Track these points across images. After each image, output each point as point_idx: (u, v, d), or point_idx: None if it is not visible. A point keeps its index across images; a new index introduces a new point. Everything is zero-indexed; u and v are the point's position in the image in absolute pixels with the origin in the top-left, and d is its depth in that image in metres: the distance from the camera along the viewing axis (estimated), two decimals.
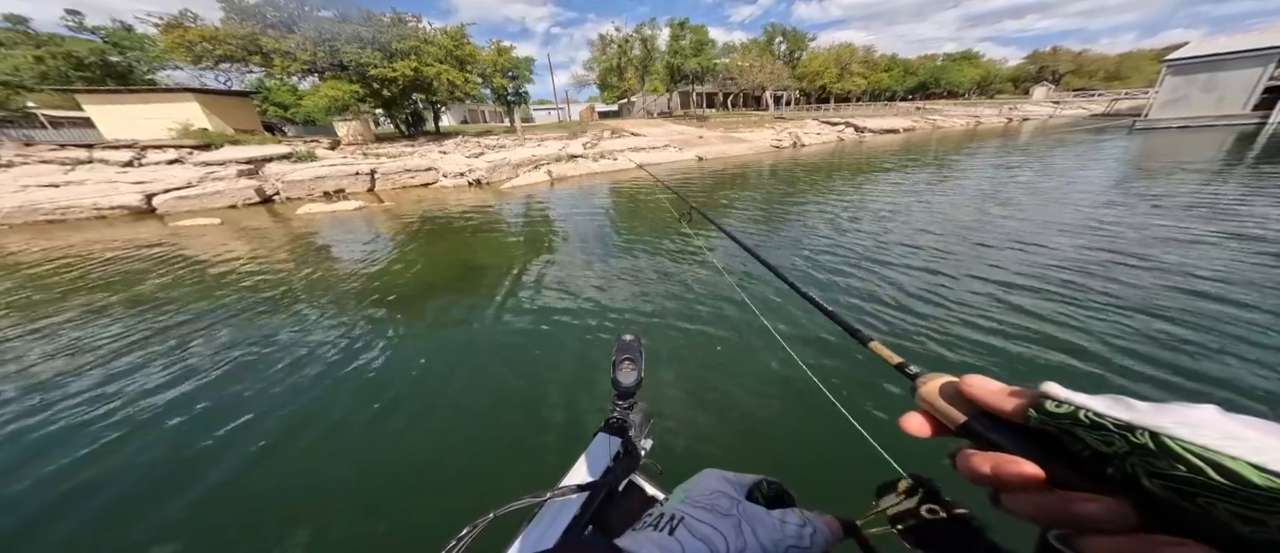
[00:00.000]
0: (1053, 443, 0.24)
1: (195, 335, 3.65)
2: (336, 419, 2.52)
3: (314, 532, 1.84)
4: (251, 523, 1.89)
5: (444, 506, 1.94)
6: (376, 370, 3.00)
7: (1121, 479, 0.21)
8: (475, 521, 0.62)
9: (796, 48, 47.58)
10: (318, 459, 2.24)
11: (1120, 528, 0.20)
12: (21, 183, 10.13)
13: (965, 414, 0.27)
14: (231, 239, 7.42)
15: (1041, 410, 0.23)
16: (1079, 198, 7.03)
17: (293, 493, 2.06)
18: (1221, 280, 3.62)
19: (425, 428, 2.44)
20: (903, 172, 11.25)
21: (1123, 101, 38.39)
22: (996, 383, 0.27)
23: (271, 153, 13.24)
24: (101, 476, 2.16)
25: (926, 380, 0.31)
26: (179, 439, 2.39)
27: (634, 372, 0.97)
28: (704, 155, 17.90)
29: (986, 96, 60.36)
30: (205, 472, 2.17)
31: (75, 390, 2.90)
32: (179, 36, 15.14)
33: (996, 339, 2.96)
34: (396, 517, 1.89)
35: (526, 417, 2.48)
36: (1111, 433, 0.20)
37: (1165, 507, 0.19)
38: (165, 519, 1.90)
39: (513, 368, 2.98)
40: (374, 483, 2.09)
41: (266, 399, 2.74)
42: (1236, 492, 0.17)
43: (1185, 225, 5.19)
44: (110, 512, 1.96)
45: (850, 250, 5.05)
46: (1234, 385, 2.37)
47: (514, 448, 2.27)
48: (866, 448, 2.03)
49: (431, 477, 2.12)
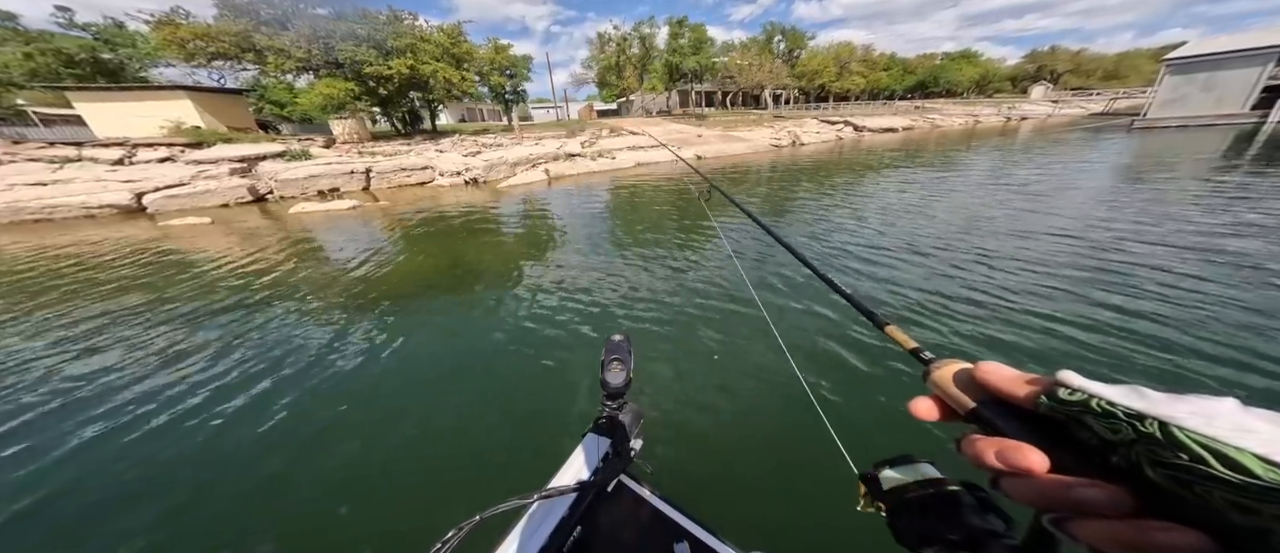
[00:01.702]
0: (1058, 430, 0.24)
1: (176, 335, 3.54)
2: (320, 421, 2.45)
3: (294, 533, 1.77)
4: (231, 522, 1.82)
5: (430, 507, 1.88)
6: (362, 371, 2.92)
7: (1125, 467, 0.21)
8: (461, 524, 0.61)
9: (796, 46, 47.49)
10: (301, 460, 2.17)
11: (1116, 514, 0.21)
12: (8, 182, 9.95)
13: (975, 400, 0.28)
14: (221, 239, 7.29)
15: (1053, 398, 0.24)
16: (1077, 195, 6.97)
17: (274, 493, 1.98)
18: (1231, 266, 3.57)
19: (410, 429, 2.36)
20: (901, 169, 11.19)
21: (1121, 101, 38.40)
22: (1012, 370, 0.27)
23: (265, 151, 13.07)
24: (70, 477, 2.05)
25: (940, 366, 0.32)
26: (155, 440, 2.29)
27: (623, 372, 0.95)
28: (702, 154, 17.81)
29: (985, 96, 60.43)
30: (184, 472, 2.09)
31: (49, 393, 2.78)
32: (170, 33, 14.92)
33: (1002, 330, 2.90)
34: (380, 519, 1.82)
35: (516, 418, 2.41)
36: (1120, 421, 0.21)
37: (1164, 495, 0.20)
38: (138, 522, 1.81)
39: (502, 368, 2.91)
40: (357, 484, 2.01)
41: (250, 400, 2.66)
42: (1237, 482, 0.17)
43: (1188, 217, 5.13)
44: (80, 511, 1.85)
45: (852, 245, 4.98)
46: (1238, 367, 2.31)
47: (502, 449, 2.20)
48: (866, 442, 1.92)
49: (417, 478, 2.05)
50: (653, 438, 2.14)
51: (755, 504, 1.80)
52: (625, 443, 0.95)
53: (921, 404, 0.31)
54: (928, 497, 0.34)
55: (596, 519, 0.84)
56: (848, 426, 2.18)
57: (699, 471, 1.98)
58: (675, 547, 0.79)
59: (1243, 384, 2.36)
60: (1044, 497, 0.23)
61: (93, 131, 15.36)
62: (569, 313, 3.68)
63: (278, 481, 2.06)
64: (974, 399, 0.28)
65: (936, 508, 0.33)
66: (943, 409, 0.31)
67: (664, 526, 0.84)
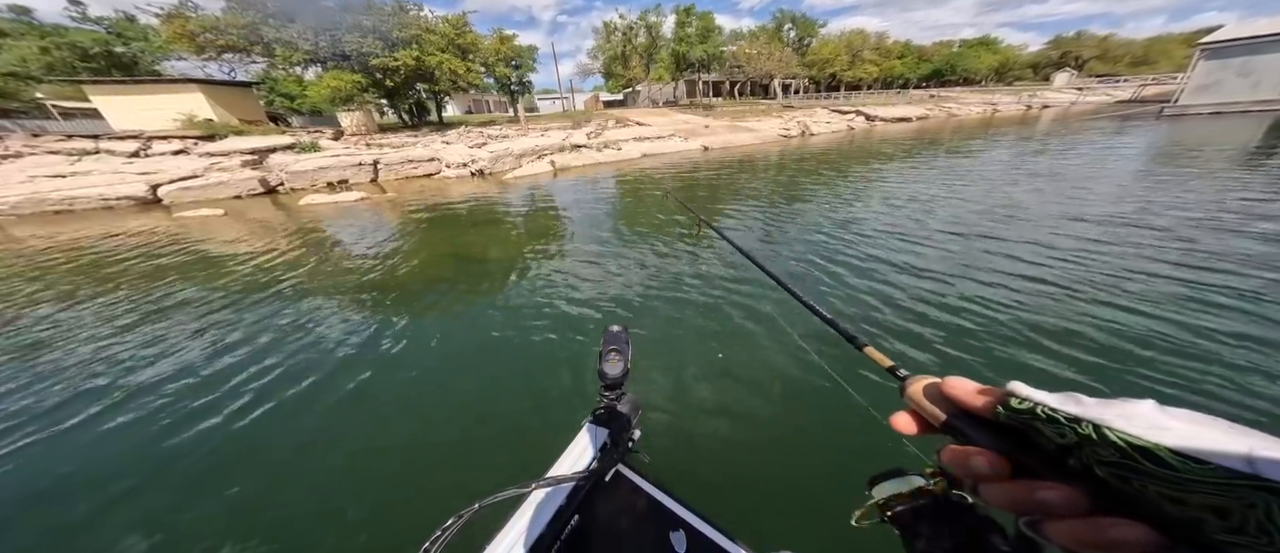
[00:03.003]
0: (1022, 437, 0.26)
1: (192, 323, 3.62)
2: (327, 406, 2.48)
3: (297, 519, 1.79)
4: (236, 506, 1.85)
5: (430, 495, 1.89)
6: (366, 359, 2.95)
7: (1081, 469, 0.23)
8: (461, 511, 0.62)
9: (806, 35, 46.27)
10: (306, 446, 2.19)
11: (1074, 512, 0.22)
12: (29, 174, 10.21)
13: (946, 413, 0.30)
14: (234, 230, 7.40)
15: (1007, 408, 0.26)
16: (1103, 189, 6.70)
17: (277, 480, 2.00)
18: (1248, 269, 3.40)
19: (413, 417, 2.38)
20: (913, 161, 10.89)
21: (1150, 87, 36.79)
22: (971, 383, 0.29)
23: (275, 143, 13.20)
24: (81, 458, 2.11)
25: (913, 382, 0.33)
26: (160, 422, 2.34)
27: (620, 362, 0.95)
28: (710, 145, 17.55)
29: (1005, 84, 58.37)
30: (191, 455, 2.13)
31: (74, 374, 2.87)
32: (180, 26, 15.05)
33: (994, 338, 2.79)
34: (382, 506, 1.83)
35: (517, 407, 2.42)
36: (1063, 425, 0.23)
37: (1114, 492, 0.22)
38: (143, 504, 1.85)
39: (505, 359, 2.91)
40: (361, 471, 2.03)
41: (258, 385, 2.70)
42: (1161, 474, 0.19)
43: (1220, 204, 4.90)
44: (84, 494, 1.90)
45: (854, 246, 4.86)
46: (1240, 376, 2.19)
47: (502, 438, 2.21)
48: (866, 440, 1.87)
49: (418, 465, 2.07)
50: (652, 429, 2.13)
51: (758, 501, 1.77)
52: (623, 433, 0.95)
53: (900, 419, 0.33)
54: (920, 508, 0.35)
55: (594, 508, 0.85)
56: (854, 430, 2.13)
57: (700, 464, 1.96)
58: (671, 536, 0.80)
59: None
60: (1012, 500, 0.25)
61: (109, 124, 15.66)
62: (571, 304, 3.67)
63: (276, 466, 2.09)
64: (945, 412, 0.30)
65: (929, 518, 0.34)
66: (921, 423, 0.32)
67: (661, 515, 0.85)
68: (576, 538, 0.80)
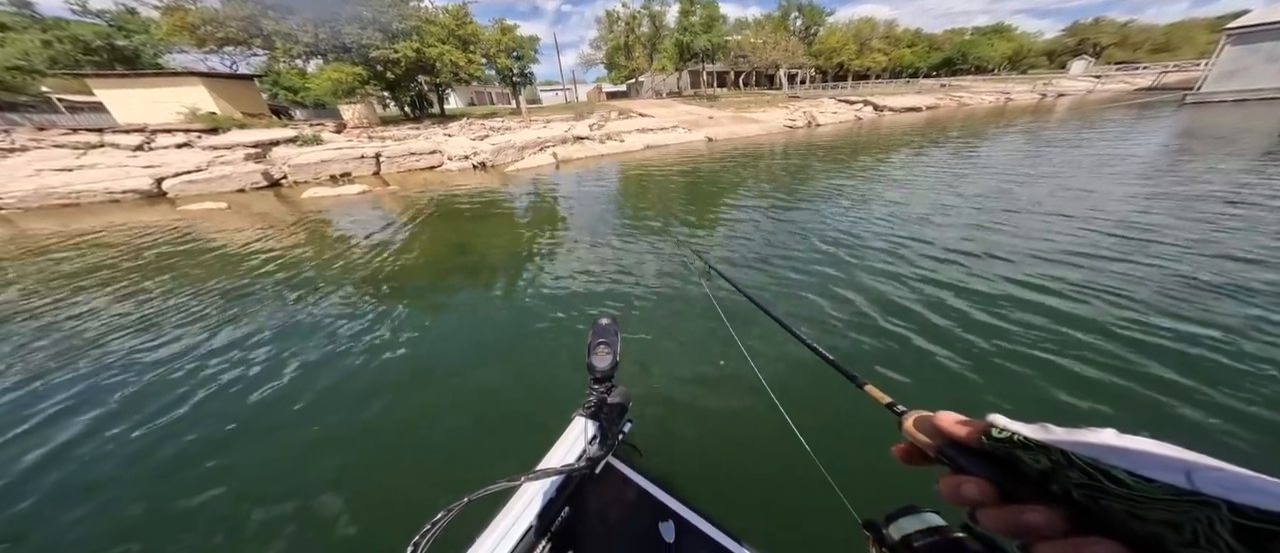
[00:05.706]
0: (1009, 465, 0.27)
1: (194, 314, 3.62)
2: (317, 395, 2.47)
3: (289, 512, 1.77)
4: (232, 496, 1.84)
5: (420, 488, 1.87)
6: (360, 350, 2.94)
7: (1061, 493, 0.24)
8: (449, 505, 0.62)
9: (813, 23, 45.24)
10: (295, 438, 2.18)
11: (1054, 534, 0.24)
12: (36, 167, 10.28)
13: (937, 443, 0.31)
14: (239, 222, 7.42)
15: (990, 437, 0.27)
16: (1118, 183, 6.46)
17: (266, 472, 1.99)
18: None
19: (404, 410, 2.37)
20: (920, 153, 10.62)
21: (1171, 74, 35.54)
22: (955, 415, 0.31)
23: (278, 136, 13.18)
24: (89, 451, 2.10)
25: (909, 416, 0.35)
26: (160, 419, 2.33)
27: (609, 355, 0.93)
28: (714, 137, 17.28)
29: (1019, 72, 56.84)
30: (189, 446, 2.12)
31: (87, 369, 2.88)
32: (180, 19, 14.96)
33: (998, 364, 2.61)
34: (371, 499, 1.81)
35: (509, 400, 2.39)
36: (1037, 452, 0.24)
37: (1090, 513, 0.23)
38: (142, 499, 1.84)
39: (500, 352, 2.87)
40: (350, 464, 2.01)
41: (246, 376, 2.70)
42: (1120, 493, 0.21)
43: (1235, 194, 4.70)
44: (94, 485, 1.89)
45: (856, 254, 4.70)
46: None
47: (497, 429, 2.19)
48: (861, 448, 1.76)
49: (409, 458, 2.05)
50: (645, 422, 2.08)
51: (747, 494, 1.72)
52: (613, 426, 0.95)
53: (899, 451, 0.35)
54: (934, 545, 0.36)
55: (584, 500, 0.85)
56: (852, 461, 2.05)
57: (692, 457, 1.91)
58: (660, 526, 0.80)
59: None
60: (1002, 524, 0.26)
61: (114, 117, 15.71)
62: (569, 296, 3.63)
63: (265, 458, 2.07)
64: (936, 442, 0.31)
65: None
66: (919, 455, 0.33)
67: (650, 506, 0.85)
68: (566, 530, 0.80)
